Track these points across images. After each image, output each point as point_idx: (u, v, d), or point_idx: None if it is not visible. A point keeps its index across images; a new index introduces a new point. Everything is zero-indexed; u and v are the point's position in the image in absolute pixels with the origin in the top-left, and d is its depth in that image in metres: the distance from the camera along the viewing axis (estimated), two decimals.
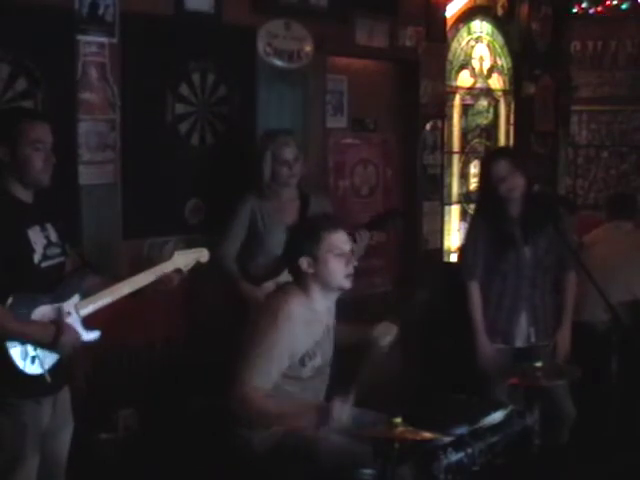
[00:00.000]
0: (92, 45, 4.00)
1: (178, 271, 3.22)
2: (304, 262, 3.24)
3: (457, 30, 6.27)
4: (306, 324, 3.24)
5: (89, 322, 3.04)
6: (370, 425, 3.01)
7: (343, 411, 3.07)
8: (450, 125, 6.36)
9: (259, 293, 3.99)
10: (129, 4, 4.07)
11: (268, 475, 3.20)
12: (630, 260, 5.37)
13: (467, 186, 6.65)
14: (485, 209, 4.36)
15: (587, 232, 5.74)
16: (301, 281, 3.29)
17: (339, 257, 3.26)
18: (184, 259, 3.26)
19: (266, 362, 3.11)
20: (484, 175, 4.33)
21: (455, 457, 3.03)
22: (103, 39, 4.03)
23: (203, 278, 3.74)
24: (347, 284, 3.30)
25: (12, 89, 3.72)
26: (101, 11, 4.00)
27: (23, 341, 2.87)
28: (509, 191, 4.17)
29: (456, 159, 6.54)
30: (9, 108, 3.63)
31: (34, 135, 2.99)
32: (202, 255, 3.33)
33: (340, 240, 3.29)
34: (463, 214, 6.54)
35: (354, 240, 4.00)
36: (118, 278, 3.14)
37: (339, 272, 3.26)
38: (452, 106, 6.40)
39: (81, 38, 3.96)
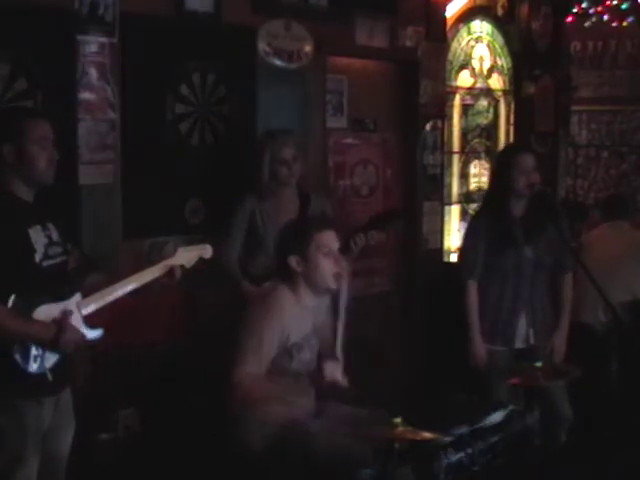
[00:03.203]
0: (92, 45, 4.00)
1: (181, 267, 3.23)
2: (293, 261, 3.29)
3: (457, 30, 6.26)
4: (294, 317, 3.29)
5: (92, 320, 3.05)
6: (369, 423, 3.02)
7: (335, 370, 3.19)
8: (450, 125, 6.36)
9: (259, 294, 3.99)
10: (129, 4, 4.07)
11: (267, 475, 3.20)
12: (629, 260, 5.37)
13: (467, 186, 6.65)
14: (489, 206, 4.35)
15: (586, 232, 5.75)
16: (290, 280, 3.33)
17: (327, 256, 3.30)
18: (187, 255, 3.27)
19: (256, 352, 3.16)
20: (503, 168, 4.30)
21: (455, 457, 3.03)
22: (103, 39, 4.03)
23: (204, 277, 3.75)
24: (334, 284, 3.34)
25: (12, 89, 3.72)
26: (101, 11, 4.00)
27: (25, 340, 2.87)
28: (527, 186, 4.16)
29: (456, 159, 6.54)
30: (11, 107, 3.63)
31: (39, 133, 3.00)
32: (205, 251, 3.35)
33: (328, 239, 3.33)
34: (463, 214, 6.54)
35: (355, 243, 4.01)
36: (120, 276, 3.15)
37: (327, 271, 3.31)
38: (452, 106, 6.39)
39: (81, 38, 3.95)
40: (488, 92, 6.76)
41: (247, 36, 4.65)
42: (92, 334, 3.05)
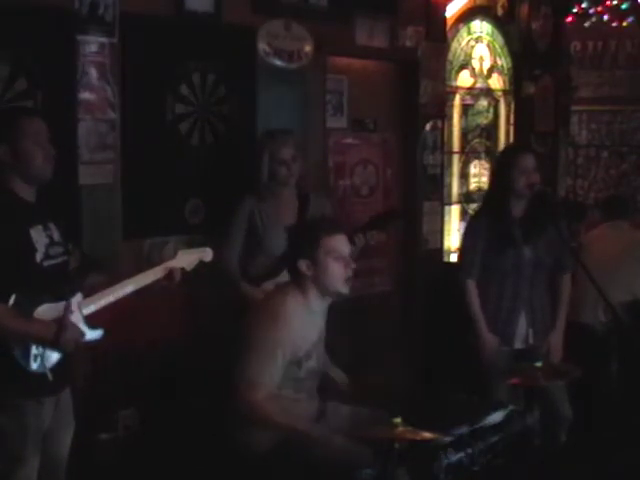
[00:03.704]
0: (92, 45, 4.00)
1: (181, 270, 3.23)
2: (303, 265, 3.26)
3: (457, 30, 6.26)
4: (303, 325, 3.26)
5: (92, 321, 3.05)
6: (369, 424, 3.02)
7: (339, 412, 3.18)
8: (450, 125, 6.36)
9: (259, 294, 3.99)
10: (129, 4, 4.07)
11: (268, 475, 3.20)
12: (629, 260, 5.37)
13: (467, 186, 6.65)
14: (489, 206, 4.35)
15: (586, 232, 5.76)
16: (299, 282, 3.31)
17: (338, 260, 3.28)
18: (188, 258, 3.28)
19: (270, 362, 3.14)
20: (503, 168, 4.30)
21: (455, 457, 3.03)
22: (103, 39, 4.03)
23: (204, 279, 3.75)
24: (345, 289, 3.32)
25: (12, 89, 3.72)
26: (101, 11, 4.00)
27: (25, 339, 2.87)
28: (528, 186, 4.16)
29: (456, 159, 6.54)
30: (4, 107, 3.63)
31: (32, 129, 3.00)
32: (205, 254, 3.35)
33: (339, 243, 3.31)
34: (463, 214, 6.54)
35: (353, 243, 4.01)
36: (121, 277, 3.15)
37: (338, 276, 3.28)
38: (452, 106, 6.39)
39: (81, 38, 3.95)
40: (488, 92, 6.76)
41: (247, 36, 4.65)
42: (93, 334, 3.04)
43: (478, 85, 6.64)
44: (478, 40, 6.55)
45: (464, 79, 6.49)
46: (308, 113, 5.04)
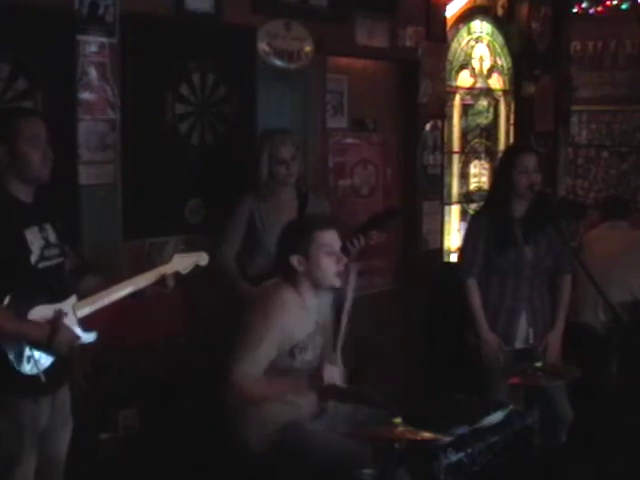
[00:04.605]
0: (92, 45, 4.00)
1: (177, 274, 3.23)
2: (295, 260, 3.29)
3: (457, 30, 6.27)
4: (296, 316, 3.29)
5: (88, 322, 3.04)
6: (369, 423, 3.02)
7: (334, 375, 3.21)
8: (450, 125, 6.36)
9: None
10: (129, 4, 4.07)
11: (267, 475, 3.20)
12: (629, 260, 5.37)
13: (467, 186, 6.66)
14: (490, 206, 4.35)
15: (586, 232, 5.76)
16: (291, 278, 3.34)
17: (330, 255, 3.30)
18: (183, 262, 3.27)
19: (255, 351, 3.17)
20: (505, 168, 4.31)
21: (455, 457, 3.03)
22: (103, 39, 4.03)
23: (203, 278, 3.75)
24: (337, 282, 3.36)
25: (12, 89, 3.72)
26: (101, 11, 4.00)
27: (19, 340, 2.87)
28: (529, 186, 4.16)
29: (456, 159, 6.54)
30: (3, 108, 3.63)
31: (30, 131, 3.00)
32: (201, 258, 3.35)
33: (331, 238, 3.34)
34: (463, 214, 6.54)
35: (352, 245, 4.02)
36: (116, 279, 3.14)
37: (329, 270, 3.31)
38: (452, 106, 6.40)
39: (81, 38, 3.95)
40: (488, 92, 6.76)
41: (247, 36, 4.65)
42: (87, 337, 3.04)
43: (478, 85, 6.65)
44: (478, 40, 6.56)
45: (464, 79, 6.49)
46: (308, 113, 5.04)
